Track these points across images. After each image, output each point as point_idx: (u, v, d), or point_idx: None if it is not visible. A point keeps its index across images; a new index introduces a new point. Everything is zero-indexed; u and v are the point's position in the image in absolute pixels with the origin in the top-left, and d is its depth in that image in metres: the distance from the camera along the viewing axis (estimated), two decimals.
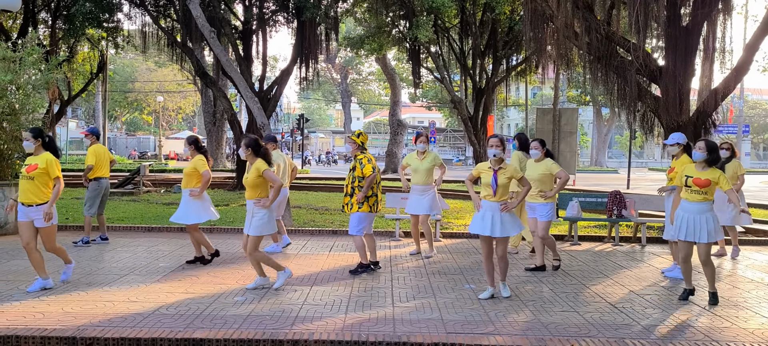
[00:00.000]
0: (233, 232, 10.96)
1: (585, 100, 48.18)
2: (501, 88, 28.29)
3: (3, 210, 10.27)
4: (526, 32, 12.12)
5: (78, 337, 4.94)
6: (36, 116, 10.99)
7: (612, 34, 11.40)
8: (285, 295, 6.51)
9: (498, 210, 6.37)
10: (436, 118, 66.40)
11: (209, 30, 13.07)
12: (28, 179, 6.32)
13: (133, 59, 56.22)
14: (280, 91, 20.78)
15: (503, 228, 6.35)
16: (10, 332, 5.02)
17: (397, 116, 33.60)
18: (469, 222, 6.49)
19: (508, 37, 23.84)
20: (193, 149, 8.05)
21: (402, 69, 41.51)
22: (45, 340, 4.93)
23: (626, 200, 10.50)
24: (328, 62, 56.40)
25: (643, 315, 6.01)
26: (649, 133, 12.33)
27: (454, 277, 7.59)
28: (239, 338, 4.99)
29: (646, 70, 11.29)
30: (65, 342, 4.93)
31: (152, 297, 6.30)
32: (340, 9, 20.96)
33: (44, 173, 6.35)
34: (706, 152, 6.33)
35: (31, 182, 6.32)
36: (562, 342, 5.09)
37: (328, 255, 9.00)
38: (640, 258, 9.26)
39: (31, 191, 6.32)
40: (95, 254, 8.65)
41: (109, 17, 20.41)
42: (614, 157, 64.66)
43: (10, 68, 10.28)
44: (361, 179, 7.50)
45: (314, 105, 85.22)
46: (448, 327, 5.46)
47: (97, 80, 27.85)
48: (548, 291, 6.93)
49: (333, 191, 20.64)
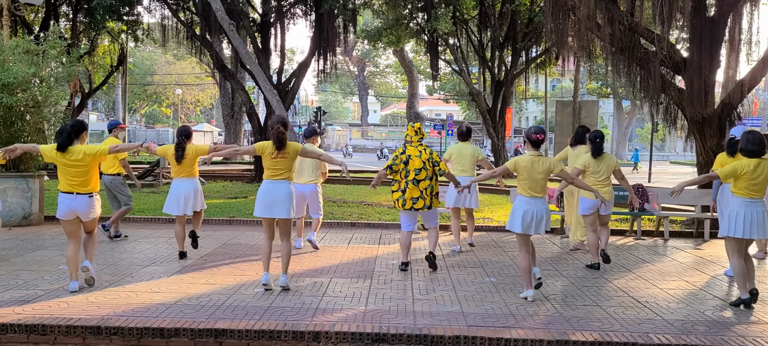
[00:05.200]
0: (253, 224, 11.00)
1: (605, 92, 47.71)
2: (520, 81, 28.14)
3: (26, 201, 10.40)
4: (546, 23, 11.99)
5: (102, 326, 4.99)
6: (58, 109, 11.12)
7: (635, 25, 11.24)
8: (305, 287, 6.52)
9: (542, 206, 6.20)
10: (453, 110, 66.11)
11: (228, 22, 13.13)
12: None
13: (153, 52, 56.62)
14: (298, 83, 20.81)
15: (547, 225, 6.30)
16: (37, 320, 5.08)
17: (414, 109, 33.56)
18: (488, 215, 6.46)
19: (528, 29, 23.65)
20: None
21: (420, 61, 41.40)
22: (70, 329, 4.99)
23: (649, 194, 10.37)
24: (346, 55, 56.38)
25: (667, 310, 5.93)
26: (672, 126, 12.16)
27: (473, 270, 7.56)
28: (261, 328, 5.01)
29: (670, 62, 11.12)
30: (90, 331, 4.98)
31: (174, 288, 6.34)
32: (358, 1, 20.93)
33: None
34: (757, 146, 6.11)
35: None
36: (584, 336, 5.04)
37: (347, 247, 9.00)
38: (663, 252, 9.15)
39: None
40: (117, 246, 8.74)
41: (129, 10, 20.59)
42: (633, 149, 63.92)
43: (33, 61, 10.40)
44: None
45: (331, 98, 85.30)
46: (468, 320, 5.43)
47: (117, 73, 28.14)
48: (570, 285, 6.87)
49: (351, 184, 20.63)
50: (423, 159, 7.11)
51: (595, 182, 7.61)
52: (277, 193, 6.26)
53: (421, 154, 7.15)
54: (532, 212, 6.12)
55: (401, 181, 7.16)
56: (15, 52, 10.26)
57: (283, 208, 6.26)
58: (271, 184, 6.31)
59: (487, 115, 24.52)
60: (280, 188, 6.28)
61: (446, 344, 4.95)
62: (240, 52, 13.76)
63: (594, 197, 7.38)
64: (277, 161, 6.28)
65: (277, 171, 6.30)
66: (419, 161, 7.10)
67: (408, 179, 7.10)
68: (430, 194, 7.18)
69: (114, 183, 9.14)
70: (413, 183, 7.10)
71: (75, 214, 6.14)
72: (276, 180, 6.30)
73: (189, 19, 21.27)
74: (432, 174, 7.17)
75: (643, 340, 4.99)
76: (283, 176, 6.31)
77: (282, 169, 6.29)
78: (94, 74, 26.00)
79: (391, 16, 23.06)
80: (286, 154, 6.26)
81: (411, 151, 7.17)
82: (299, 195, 8.62)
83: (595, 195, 6.99)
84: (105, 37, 25.34)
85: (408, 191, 7.10)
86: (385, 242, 9.49)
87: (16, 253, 8.04)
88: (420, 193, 7.11)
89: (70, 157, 6.03)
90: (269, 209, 6.28)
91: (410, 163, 7.11)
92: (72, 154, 6.03)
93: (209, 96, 61.23)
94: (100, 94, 50.58)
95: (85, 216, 6.16)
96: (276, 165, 6.29)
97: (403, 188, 7.14)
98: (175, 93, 56.19)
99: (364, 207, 13.68)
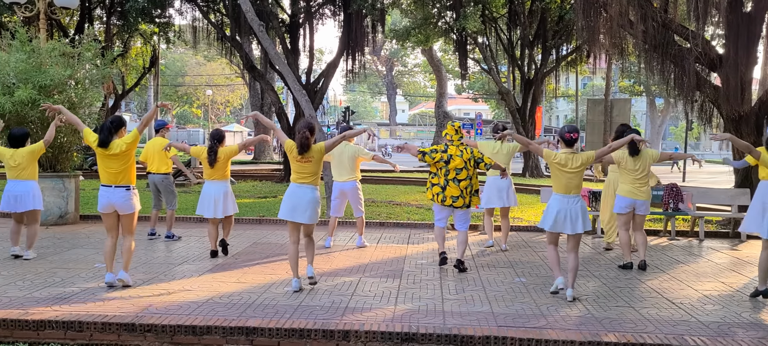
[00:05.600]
0: (282, 223, 11.07)
1: (638, 90, 46.94)
2: (550, 79, 27.86)
3: (62, 200, 10.64)
4: (577, 21, 11.84)
5: (137, 323, 5.08)
6: (93, 110, 11.34)
7: (669, 21, 11.03)
8: (334, 286, 6.54)
9: (577, 204, 6.18)
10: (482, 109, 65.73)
11: (258, 23, 13.24)
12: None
13: (184, 54, 57.47)
14: (327, 83, 20.92)
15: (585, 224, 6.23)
16: (74, 317, 5.19)
17: (443, 108, 33.41)
18: (518, 215, 6.42)
19: (558, 27, 23.42)
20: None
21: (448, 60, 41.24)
22: (106, 326, 5.09)
23: (683, 193, 10.17)
24: (374, 54, 56.42)
25: (703, 311, 5.81)
26: (707, 124, 11.91)
27: (504, 270, 7.50)
28: (291, 327, 5.04)
29: (705, 59, 10.89)
30: (125, 328, 5.07)
31: (206, 286, 6.42)
32: (386, 0, 20.94)
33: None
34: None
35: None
36: (617, 337, 4.96)
37: (376, 247, 9.01)
38: (697, 253, 8.97)
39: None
40: (150, 244, 8.88)
41: (161, 13, 20.95)
42: (668, 148, 62.86)
43: (69, 63, 10.63)
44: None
45: (359, 97, 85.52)
46: (498, 320, 5.39)
47: (149, 74, 28.59)
48: (602, 286, 6.77)
49: (379, 183, 20.70)
50: (464, 159, 7.15)
51: (634, 181, 7.51)
52: (301, 197, 6.26)
53: (463, 153, 7.17)
54: (565, 210, 6.12)
55: (440, 177, 7.20)
56: (51, 54, 10.48)
57: (305, 213, 6.26)
58: (297, 188, 6.32)
59: (517, 114, 24.34)
60: (304, 193, 6.28)
61: (476, 344, 4.92)
62: (269, 52, 13.86)
63: (631, 194, 7.45)
64: (302, 165, 6.29)
65: (302, 175, 6.32)
66: (461, 161, 7.14)
67: (448, 177, 7.16)
68: (470, 193, 7.23)
69: (165, 183, 9.29)
70: (454, 182, 7.15)
71: (113, 207, 6.31)
72: (301, 184, 6.32)
73: (219, 21, 21.54)
74: (472, 173, 7.20)
75: (678, 342, 4.90)
76: (307, 181, 6.31)
77: (307, 173, 6.31)
78: (127, 76, 26.49)
79: (419, 15, 23.01)
80: (310, 159, 6.27)
81: (452, 151, 7.20)
82: (339, 193, 8.74)
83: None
84: (137, 39, 25.82)
85: (448, 188, 7.16)
86: (414, 242, 9.48)
87: (53, 251, 8.23)
88: (460, 192, 7.16)
89: (109, 152, 6.25)
90: (292, 213, 6.29)
91: (451, 163, 7.15)
92: (111, 149, 6.25)
93: (239, 96, 61.91)
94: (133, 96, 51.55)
95: (122, 209, 6.30)
96: (302, 169, 6.30)
97: (442, 184, 7.18)
98: (205, 94, 56.93)
99: (393, 206, 13.69)
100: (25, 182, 7.70)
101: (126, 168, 6.32)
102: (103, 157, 6.27)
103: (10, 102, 9.70)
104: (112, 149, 6.24)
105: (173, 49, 42.27)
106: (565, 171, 6.13)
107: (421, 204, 14.02)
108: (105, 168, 6.29)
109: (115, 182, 6.27)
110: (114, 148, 6.24)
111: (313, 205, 6.28)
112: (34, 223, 7.84)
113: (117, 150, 6.24)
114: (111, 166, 6.27)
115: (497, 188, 8.71)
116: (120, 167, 6.27)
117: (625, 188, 7.61)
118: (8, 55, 10.30)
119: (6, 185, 7.77)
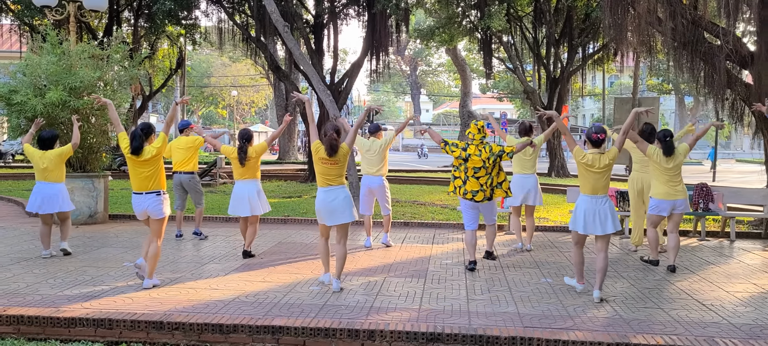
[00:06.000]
0: (307, 223, 11.14)
1: (666, 88, 46.23)
2: (576, 78, 27.55)
3: (92, 200, 10.83)
4: (604, 19, 11.68)
5: (165, 322, 5.14)
6: (121, 111, 11.50)
7: (699, 18, 10.83)
8: (359, 286, 6.55)
9: (605, 204, 6.14)
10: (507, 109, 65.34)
11: (283, 24, 13.31)
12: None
13: (209, 55, 58.05)
14: (351, 83, 20.94)
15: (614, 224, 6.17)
16: (103, 315, 5.27)
17: (467, 107, 33.26)
18: (544, 215, 6.37)
19: (585, 25, 23.15)
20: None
21: (473, 59, 41.05)
22: (135, 323, 5.16)
23: (713, 193, 9.98)
24: (398, 54, 56.44)
25: (734, 313, 5.70)
26: (738, 123, 11.67)
27: (530, 271, 7.44)
28: (317, 326, 5.06)
29: (736, 56, 10.66)
30: (153, 326, 5.14)
31: (232, 285, 6.48)
32: (410, 0, 20.91)
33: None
34: None
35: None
36: (646, 339, 4.89)
37: (401, 247, 9.00)
38: (728, 254, 8.80)
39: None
40: (177, 245, 8.99)
41: (188, 14, 21.18)
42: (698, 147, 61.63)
43: (98, 65, 10.81)
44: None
45: (383, 97, 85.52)
46: (524, 321, 5.34)
47: (175, 75, 28.93)
48: (630, 287, 6.68)
49: (403, 183, 20.68)
50: (483, 158, 7.13)
51: (668, 180, 7.39)
52: (336, 200, 6.29)
53: (482, 153, 7.15)
54: (593, 210, 6.09)
55: (461, 171, 7.27)
56: (81, 56, 10.67)
57: (345, 213, 6.32)
58: (327, 193, 6.32)
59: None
60: (337, 195, 6.31)
61: (502, 344, 4.89)
62: (294, 53, 13.93)
63: (668, 196, 7.39)
64: (328, 167, 6.31)
65: (329, 177, 6.34)
66: (479, 160, 7.14)
67: (467, 174, 7.20)
68: (490, 185, 7.23)
69: (192, 182, 9.40)
70: (473, 178, 7.19)
71: (146, 213, 6.47)
72: (331, 187, 6.34)
73: (244, 22, 21.71)
74: (491, 170, 7.19)
75: (709, 344, 4.80)
76: (336, 182, 6.37)
77: (334, 175, 6.35)
78: (154, 77, 26.83)
79: (443, 14, 22.92)
80: (337, 161, 6.32)
81: (471, 151, 7.20)
82: (367, 190, 8.75)
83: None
84: (164, 41, 26.13)
85: (468, 183, 7.21)
86: (438, 242, 9.45)
87: (83, 250, 8.38)
88: (480, 186, 7.18)
89: (140, 158, 6.40)
90: (334, 217, 6.32)
91: (469, 162, 7.18)
92: (142, 156, 6.40)
93: (263, 97, 62.33)
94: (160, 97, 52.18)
95: (154, 214, 6.44)
96: (328, 171, 6.33)
97: (464, 178, 7.24)
98: (230, 94, 57.41)
99: (417, 206, 13.66)
100: (53, 184, 7.85)
101: (156, 172, 6.47)
102: (135, 163, 6.42)
103: (41, 103, 9.90)
104: (144, 156, 6.39)
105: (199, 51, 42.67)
106: (592, 171, 6.12)
107: (446, 204, 13.97)
108: (136, 174, 6.45)
109: (146, 187, 6.42)
110: (145, 154, 6.40)
111: (348, 202, 6.36)
112: (65, 220, 8.05)
113: (147, 156, 6.41)
114: (142, 172, 6.42)
115: (523, 186, 8.64)
116: (150, 172, 6.43)
117: (661, 189, 7.46)
118: (40, 57, 10.51)
119: (34, 185, 7.93)
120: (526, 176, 8.73)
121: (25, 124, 10.36)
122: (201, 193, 9.52)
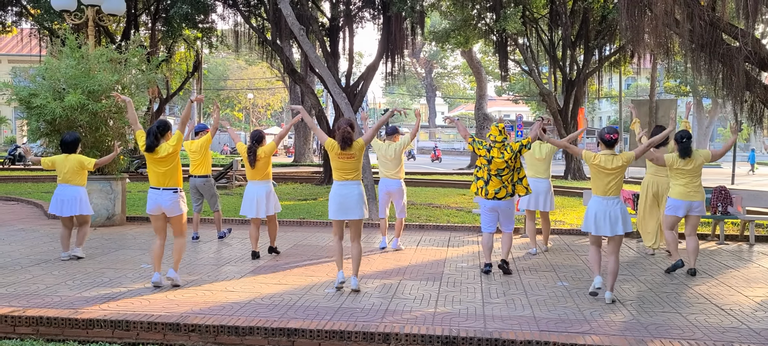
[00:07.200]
0: (323, 225, 11.16)
1: (684, 90, 45.73)
2: (592, 80, 27.36)
3: (110, 202, 10.93)
4: (621, 20, 11.57)
5: (181, 323, 5.18)
6: (138, 114, 11.62)
7: (717, 20, 10.71)
8: (375, 288, 6.55)
9: (617, 206, 6.12)
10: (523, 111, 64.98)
11: (298, 27, 13.37)
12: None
13: (226, 58, 58.42)
14: (367, 86, 20.98)
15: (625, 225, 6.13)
16: (121, 316, 5.32)
17: (483, 110, 33.12)
18: (560, 218, 6.33)
19: (601, 27, 22.98)
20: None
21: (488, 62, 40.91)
22: (151, 325, 5.20)
23: (732, 196, 9.86)
24: (413, 57, 56.37)
25: (754, 318, 5.63)
26: (757, 125, 11.52)
27: (546, 274, 7.40)
28: (332, 329, 5.07)
29: (756, 58, 10.53)
30: (170, 328, 5.18)
31: (248, 287, 6.51)
32: (426, 3, 20.90)
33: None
34: None
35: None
36: (663, 343, 4.84)
37: (416, 249, 8.99)
38: (747, 258, 8.69)
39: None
40: (194, 247, 9.05)
41: (204, 18, 21.35)
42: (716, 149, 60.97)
43: (116, 69, 10.92)
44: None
45: (399, 100, 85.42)
46: (540, 325, 5.32)
47: (192, 79, 29.14)
48: (647, 291, 6.62)
49: (419, 186, 20.65)
50: (505, 159, 7.13)
51: (687, 183, 7.33)
52: (348, 195, 6.38)
53: (504, 154, 7.15)
54: (603, 211, 6.08)
55: (484, 171, 7.23)
56: (99, 60, 10.79)
57: (356, 210, 6.39)
58: (342, 186, 6.43)
59: (559, 116, 23.97)
60: (351, 190, 6.39)
61: None
62: (310, 56, 13.98)
63: (685, 196, 7.33)
64: (344, 161, 6.39)
65: (345, 171, 6.43)
66: (502, 162, 7.14)
67: (490, 174, 7.18)
68: (512, 181, 7.22)
69: (206, 186, 9.47)
70: (496, 177, 7.17)
71: (161, 209, 6.50)
72: (346, 181, 6.43)
73: (260, 25, 21.83)
74: (514, 167, 7.20)
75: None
76: (351, 177, 6.44)
77: (350, 169, 6.42)
78: (171, 80, 27.03)
79: (459, 17, 22.88)
80: (352, 155, 6.37)
81: (494, 153, 7.18)
82: (385, 193, 8.76)
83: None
84: (181, 44, 26.34)
85: (491, 182, 7.18)
86: (453, 245, 9.43)
87: (101, 252, 8.46)
88: (502, 183, 7.17)
89: (156, 156, 6.44)
90: (343, 212, 6.42)
91: (492, 164, 7.17)
92: (158, 152, 6.44)
93: (279, 100, 62.61)
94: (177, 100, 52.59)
95: (170, 212, 6.49)
96: (344, 165, 6.40)
97: (486, 179, 7.21)
98: (246, 97, 57.77)
99: (433, 209, 13.64)
100: (74, 188, 7.95)
101: (173, 169, 6.53)
102: (152, 160, 6.49)
103: (61, 107, 10.02)
104: (160, 153, 6.44)
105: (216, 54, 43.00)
106: (604, 172, 6.11)
107: (461, 207, 13.93)
108: (153, 170, 6.52)
109: (164, 183, 6.47)
110: (161, 151, 6.45)
111: (361, 200, 6.41)
112: (84, 224, 8.12)
113: (164, 153, 6.45)
114: (159, 169, 6.49)
115: (535, 190, 8.60)
116: (168, 169, 6.49)
117: (678, 189, 7.41)
118: (59, 61, 10.65)
119: (56, 188, 8.04)
120: (539, 180, 8.69)
121: (44, 127, 10.50)
122: (216, 196, 9.58)
